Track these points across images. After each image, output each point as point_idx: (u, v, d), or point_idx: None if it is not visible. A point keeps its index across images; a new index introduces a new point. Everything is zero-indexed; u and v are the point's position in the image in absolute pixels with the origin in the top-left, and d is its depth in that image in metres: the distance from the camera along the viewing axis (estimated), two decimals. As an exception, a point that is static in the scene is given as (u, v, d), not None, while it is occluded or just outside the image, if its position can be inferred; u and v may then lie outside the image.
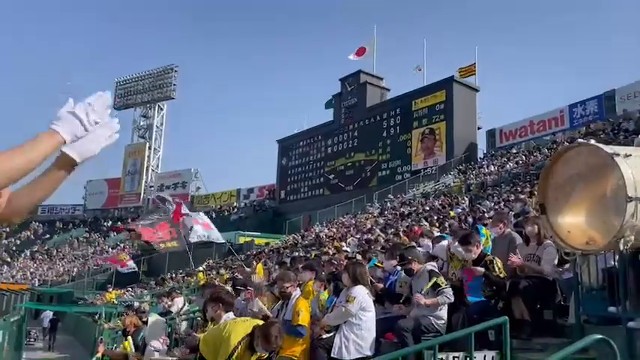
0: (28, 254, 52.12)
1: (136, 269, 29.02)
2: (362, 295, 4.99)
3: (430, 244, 7.66)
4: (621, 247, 2.82)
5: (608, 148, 2.94)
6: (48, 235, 58.76)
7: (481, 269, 5.10)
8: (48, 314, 23.37)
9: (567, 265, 5.01)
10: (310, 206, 39.80)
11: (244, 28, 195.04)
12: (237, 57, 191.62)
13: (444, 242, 6.64)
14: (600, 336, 2.79)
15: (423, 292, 5.06)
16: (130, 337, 8.09)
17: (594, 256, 4.16)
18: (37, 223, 61.02)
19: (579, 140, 3.80)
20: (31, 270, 45.91)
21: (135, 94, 61.76)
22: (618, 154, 2.85)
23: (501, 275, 5.05)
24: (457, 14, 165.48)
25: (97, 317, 18.72)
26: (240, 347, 4.23)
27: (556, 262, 5.05)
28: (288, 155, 47.48)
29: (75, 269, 43.71)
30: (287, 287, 5.32)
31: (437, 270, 5.40)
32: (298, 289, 5.70)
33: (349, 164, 41.03)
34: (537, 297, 5.02)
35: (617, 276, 3.88)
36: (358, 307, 4.89)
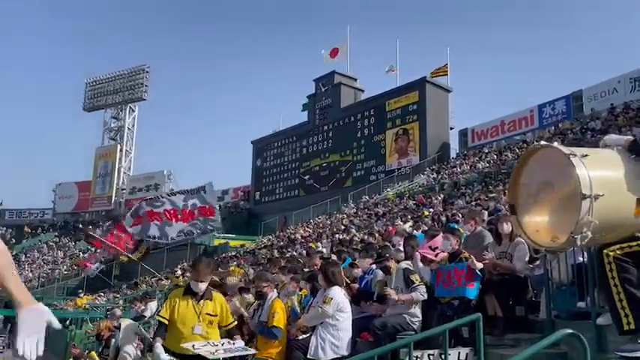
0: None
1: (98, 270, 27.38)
2: (339, 295, 5.01)
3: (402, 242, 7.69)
4: (578, 243, 2.92)
5: (566, 149, 3.04)
6: (14, 241, 57.23)
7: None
8: None
9: (538, 262, 5.12)
10: (285, 207, 39.73)
11: (217, 29, 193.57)
12: (210, 57, 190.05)
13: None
14: (570, 331, 2.85)
15: (394, 288, 5.09)
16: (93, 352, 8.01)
17: (564, 252, 4.26)
18: (5, 228, 59.39)
19: (542, 142, 3.89)
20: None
21: (105, 95, 60.59)
22: (575, 155, 2.95)
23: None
24: (429, 15, 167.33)
25: (67, 323, 18.31)
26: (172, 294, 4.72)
27: (527, 259, 5.15)
28: (263, 156, 47.33)
29: (45, 274, 42.70)
30: (264, 287, 5.30)
31: (411, 268, 5.44)
32: (275, 290, 5.67)
33: (324, 165, 41.11)
34: (509, 294, 5.11)
35: (586, 272, 3.98)
36: (335, 308, 4.90)
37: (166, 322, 4.49)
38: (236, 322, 4.57)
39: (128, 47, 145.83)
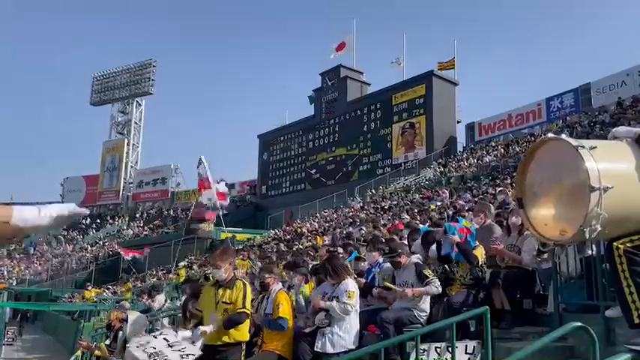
0: (5, 253, 51.14)
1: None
2: (356, 287, 5.02)
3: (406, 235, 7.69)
4: (587, 236, 2.88)
5: (574, 141, 3.00)
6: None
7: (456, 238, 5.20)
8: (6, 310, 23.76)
9: (546, 255, 5.09)
10: (292, 201, 39.75)
11: (224, 23, 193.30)
12: (216, 52, 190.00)
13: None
14: (578, 324, 2.83)
15: (402, 282, 5.08)
16: (102, 344, 8.04)
17: (573, 245, 4.22)
18: (14, 222, 59.81)
19: (549, 135, 3.87)
20: (9, 269, 45.08)
21: (112, 89, 60.80)
22: (583, 147, 2.91)
23: (483, 264, 5.13)
24: (436, 8, 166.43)
25: (75, 316, 18.47)
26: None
27: (535, 252, 5.12)
28: (269, 150, 47.34)
29: (54, 267, 43.07)
30: (267, 278, 5.28)
31: (422, 262, 5.42)
32: (280, 283, 5.66)
33: (330, 159, 41.06)
34: (517, 287, 5.09)
35: (595, 265, 3.95)
36: (355, 301, 4.91)
37: (201, 313, 4.71)
38: (244, 311, 4.48)
39: (135, 41, 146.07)
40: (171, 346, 4.12)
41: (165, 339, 4.22)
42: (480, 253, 5.22)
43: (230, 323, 4.39)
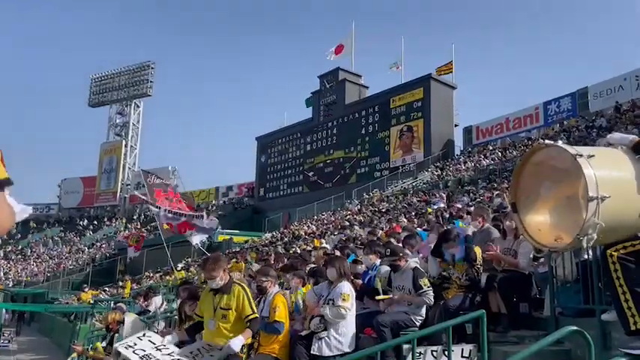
0: (2, 254, 50.97)
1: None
2: (352, 290, 5.01)
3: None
4: (584, 245, 2.88)
5: (572, 149, 2.98)
6: (20, 235, 57.50)
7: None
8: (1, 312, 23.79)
9: (542, 260, 5.10)
10: (289, 204, 39.78)
11: (223, 25, 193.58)
12: (215, 54, 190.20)
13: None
14: (575, 328, 2.83)
15: (397, 286, 5.09)
16: (98, 344, 8.01)
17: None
18: (11, 223, 59.60)
19: (546, 141, 3.86)
20: (5, 270, 44.92)
21: (111, 91, 60.83)
22: (581, 155, 2.90)
23: (479, 265, 5.13)
24: (434, 12, 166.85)
25: (72, 318, 18.41)
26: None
27: (531, 256, 5.13)
28: (267, 153, 47.35)
29: (51, 269, 42.92)
30: (263, 281, 5.28)
31: (420, 268, 5.42)
32: (277, 286, 5.65)
33: (328, 161, 41.08)
34: (513, 290, 5.09)
35: (591, 269, 3.96)
36: (351, 304, 4.91)
37: (200, 318, 4.74)
38: (255, 315, 4.52)
39: (134, 43, 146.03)
40: (159, 349, 4.16)
41: (150, 341, 4.28)
42: (478, 251, 5.24)
43: (254, 331, 4.61)
